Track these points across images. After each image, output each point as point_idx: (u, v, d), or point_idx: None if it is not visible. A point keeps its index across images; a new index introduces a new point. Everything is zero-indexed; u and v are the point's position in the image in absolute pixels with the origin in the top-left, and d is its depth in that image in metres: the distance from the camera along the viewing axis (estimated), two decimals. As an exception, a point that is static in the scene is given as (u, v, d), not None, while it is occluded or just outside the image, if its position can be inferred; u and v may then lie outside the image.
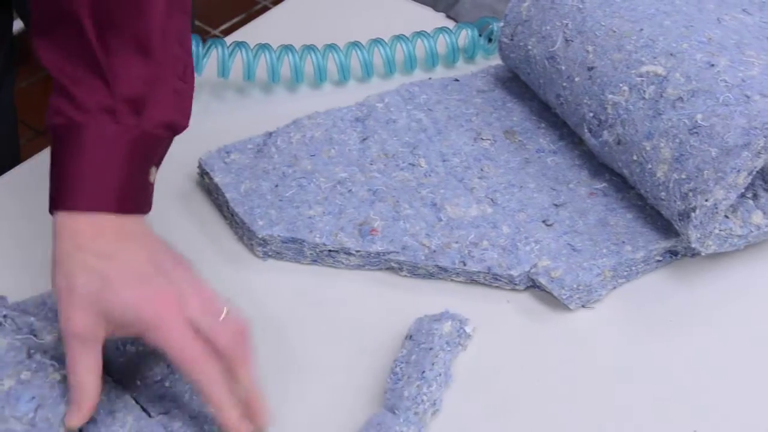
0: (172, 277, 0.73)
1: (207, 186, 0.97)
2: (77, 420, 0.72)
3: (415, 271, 0.89)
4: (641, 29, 0.91)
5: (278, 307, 0.88)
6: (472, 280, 0.88)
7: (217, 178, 0.94)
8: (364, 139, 0.98)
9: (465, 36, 1.10)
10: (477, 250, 0.88)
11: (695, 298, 0.88)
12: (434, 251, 0.88)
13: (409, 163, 0.96)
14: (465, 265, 0.87)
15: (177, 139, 0.78)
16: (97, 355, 0.72)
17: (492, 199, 0.92)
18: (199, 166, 0.97)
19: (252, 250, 0.92)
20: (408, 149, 0.97)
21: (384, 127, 0.99)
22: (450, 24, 1.15)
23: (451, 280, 0.89)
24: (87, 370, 0.72)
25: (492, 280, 0.88)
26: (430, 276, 0.89)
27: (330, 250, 0.90)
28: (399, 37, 1.09)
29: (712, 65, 0.86)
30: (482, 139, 0.98)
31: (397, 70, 1.10)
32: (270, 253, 0.91)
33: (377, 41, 1.08)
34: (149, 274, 0.73)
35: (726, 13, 0.93)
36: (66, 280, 0.72)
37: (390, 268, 0.90)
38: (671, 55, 0.88)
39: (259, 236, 0.90)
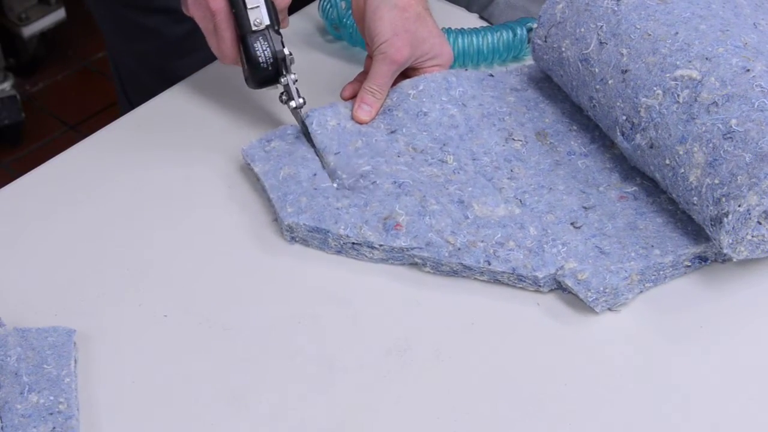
0: None
1: (254, 172, 0.98)
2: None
3: (438, 267, 0.89)
4: (676, 33, 0.90)
5: (299, 294, 0.88)
6: (496, 280, 0.88)
7: (257, 168, 0.96)
8: (392, 132, 0.98)
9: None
10: (503, 250, 0.88)
11: (725, 305, 0.87)
12: (459, 249, 0.88)
13: (438, 159, 0.95)
14: (489, 264, 0.87)
15: (225, 127, 0.78)
16: None
17: (520, 200, 0.92)
18: (243, 156, 0.98)
19: (281, 232, 0.93)
20: (437, 145, 0.97)
21: (414, 120, 0.98)
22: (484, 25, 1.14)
23: (475, 278, 0.88)
24: None
25: (516, 280, 0.87)
26: (454, 273, 0.89)
27: (354, 243, 0.90)
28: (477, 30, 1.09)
29: (748, 70, 0.86)
30: (514, 139, 0.98)
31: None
32: (297, 239, 0.92)
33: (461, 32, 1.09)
34: None
35: (762, 18, 0.92)
36: None
37: (414, 264, 0.90)
38: (706, 59, 0.88)
39: (286, 223, 0.91)
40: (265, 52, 0.95)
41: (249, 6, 0.94)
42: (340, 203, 0.92)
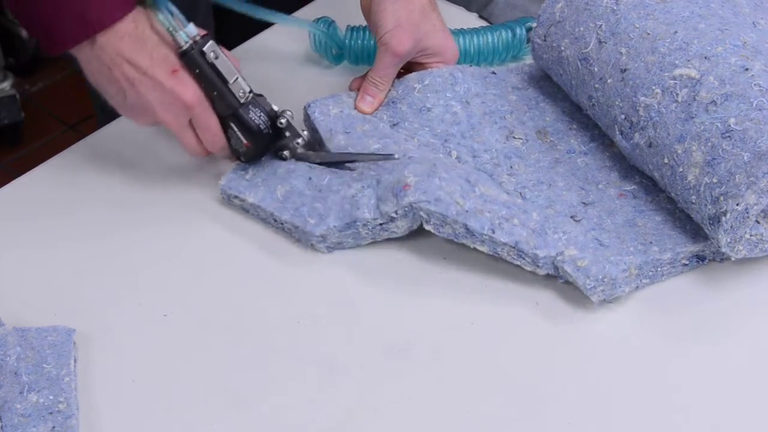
0: None
1: (241, 206, 0.95)
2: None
3: (441, 227, 0.87)
4: (675, 32, 0.90)
5: (299, 295, 0.89)
6: (495, 252, 0.87)
7: (251, 198, 0.93)
8: (394, 125, 0.98)
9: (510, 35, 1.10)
10: (507, 224, 0.87)
11: (723, 304, 0.87)
12: (467, 211, 0.86)
13: (442, 153, 0.96)
14: (494, 233, 0.86)
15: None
16: None
17: (520, 194, 0.92)
18: (223, 192, 0.95)
19: (314, 247, 0.91)
20: (439, 141, 0.97)
21: (416, 115, 0.98)
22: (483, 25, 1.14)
23: (474, 248, 0.88)
24: None
25: (516, 256, 0.86)
26: (454, 237, 0.87)
27: (381, 223, 0.89)
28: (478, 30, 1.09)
29: (747, 69, 0.86)
30: (514, 137, 0.98)
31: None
32: (332, 246, 0.91)
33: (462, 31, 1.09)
34: None
35: (762, 17, 0.92)
36: None
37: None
38: (705, 58, 0.88)
39: (317, 234, 0.90)
40: (261, 116, 0.92)
41: (230, 82, 0.90)
42: (353, 189, 0.91)
